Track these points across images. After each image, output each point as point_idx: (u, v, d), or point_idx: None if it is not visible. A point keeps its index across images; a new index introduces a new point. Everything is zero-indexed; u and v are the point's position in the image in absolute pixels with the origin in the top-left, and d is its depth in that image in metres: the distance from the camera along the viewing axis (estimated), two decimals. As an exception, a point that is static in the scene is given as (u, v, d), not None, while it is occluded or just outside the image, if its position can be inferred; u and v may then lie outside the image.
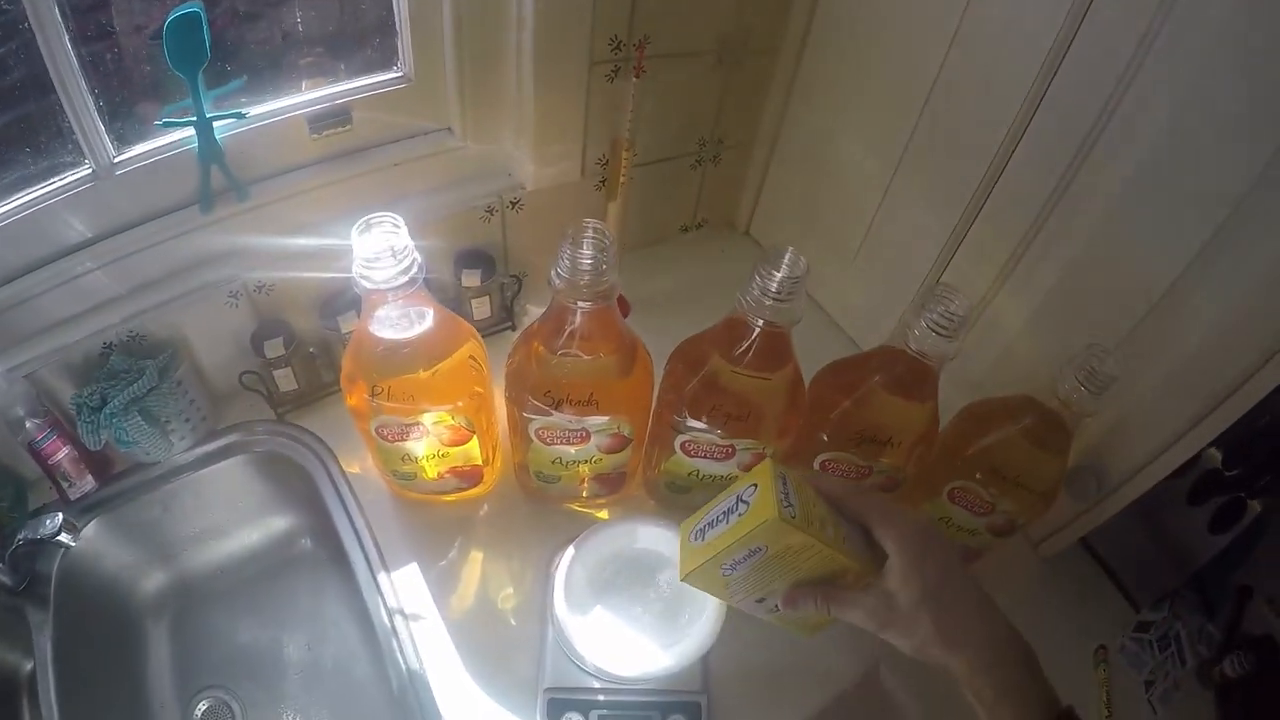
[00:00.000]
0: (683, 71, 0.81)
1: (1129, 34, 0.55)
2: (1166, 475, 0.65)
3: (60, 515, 0.64)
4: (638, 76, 0.72)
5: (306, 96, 0.69)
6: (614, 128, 0.77)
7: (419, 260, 0.54)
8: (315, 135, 0.70)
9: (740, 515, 0.46)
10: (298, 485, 0.77)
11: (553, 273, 0.53)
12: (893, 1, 0.73)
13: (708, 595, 0.61)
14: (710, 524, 0.48)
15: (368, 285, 0.53)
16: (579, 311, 0.55)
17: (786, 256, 0.52)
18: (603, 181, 0.85)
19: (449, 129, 0.77)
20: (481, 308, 0.82)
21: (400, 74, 0.72)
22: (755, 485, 0.46)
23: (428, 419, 0.61)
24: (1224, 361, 0.58)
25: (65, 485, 0.70)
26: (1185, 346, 0.61)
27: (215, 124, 0.64)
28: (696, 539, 0.48)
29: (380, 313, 0.56)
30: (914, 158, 0.76)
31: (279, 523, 0.83)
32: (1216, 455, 0.70)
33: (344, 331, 0.75)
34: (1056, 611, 0.74)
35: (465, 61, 0.71)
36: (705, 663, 0.64)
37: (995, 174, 0.69)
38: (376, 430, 0.62)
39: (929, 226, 0.76)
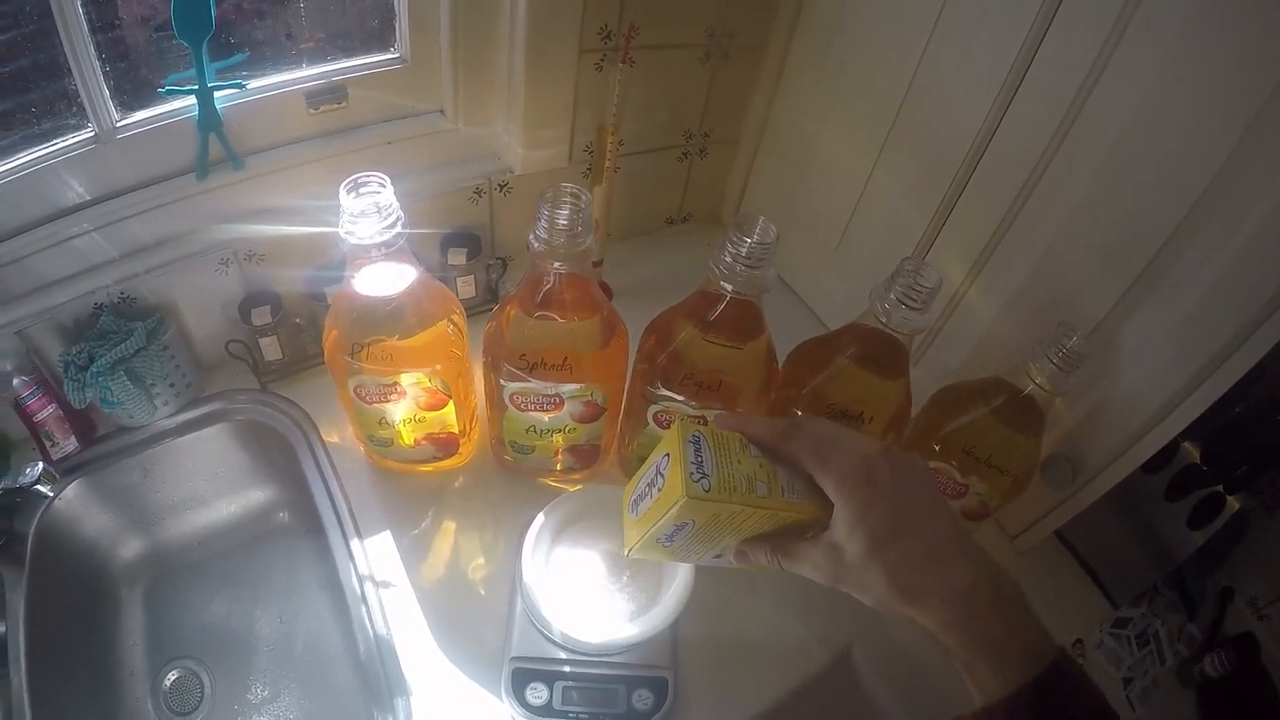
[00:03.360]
0: (671, 63, 0.83)
1: (1104, 17, 0.56)
2: (1143, 462, 0.65)
3: (40, 464, 0.65)
4: (623, 62, 0.74)
5: (305, 72, 0.71)
6: (601, 115, 0.79)
7: (403, 219, 0.56)
8: (313, 110, 0.72)
9: (659, 490, 0.42)
10: (277, 455, 0.78)
11: (531, 236, 0.55)
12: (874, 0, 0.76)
13: (676, 566, 0.61)
14: (641, 495, 0.44)
15: (353, 241, 0.54)
16: (555, 274, 0.56)
17: (759, 223, 0.54)
18: (590, 169, 0.87)
19: (441, 111, 0.80)
20: (466, 287, 0.84)
21: (396, 55, 0.75)
22: (668, 455, 0.42)
23: (406, 380, 0.62)
24: (1198, 346, 0.58)
25: (49, 444, 0.71)
26: (1159, 331, 0.61)
27: (216, 93, 0.67)
28: (633, 510, 0.45)
29: (364, 271, 0.57)
30: (893, 151, 0.78)
31: (257, 494, 0.84)
32: (1194, 451, 0.70)
33: (330, 304, 0.76)
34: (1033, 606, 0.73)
35: (459, 45, 0.73)
36: (674, 639, 0.64)
37: (973, 163, 0.70)
38: (355, 391, 0.63)
39: (907, 217, 0.78)
